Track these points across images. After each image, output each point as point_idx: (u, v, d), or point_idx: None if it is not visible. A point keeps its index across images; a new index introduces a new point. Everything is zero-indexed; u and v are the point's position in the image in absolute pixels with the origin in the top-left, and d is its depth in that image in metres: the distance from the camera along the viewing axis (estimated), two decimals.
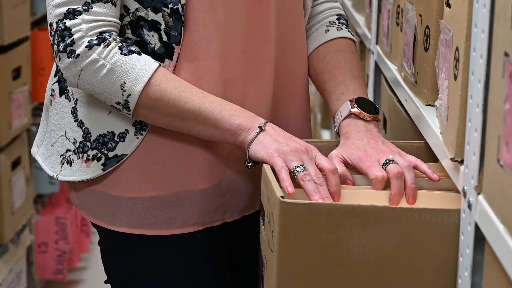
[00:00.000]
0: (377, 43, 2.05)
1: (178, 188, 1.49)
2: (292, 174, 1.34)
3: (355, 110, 1.48)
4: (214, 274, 1.55)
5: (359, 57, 1.64)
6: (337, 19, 1.64)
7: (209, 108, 1.41)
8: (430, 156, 1.43)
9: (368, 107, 1.49)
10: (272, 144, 1.38)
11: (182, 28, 1.43)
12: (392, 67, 1.78)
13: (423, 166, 1.37)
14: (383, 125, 1.94)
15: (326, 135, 3.33)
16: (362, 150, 1.41)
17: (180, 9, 1.43)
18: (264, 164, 1.37)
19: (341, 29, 1.63)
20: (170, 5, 1.43)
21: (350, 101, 1.50)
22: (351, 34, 1.64)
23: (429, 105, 1.45)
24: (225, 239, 1.58)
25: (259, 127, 1.41)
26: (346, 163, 1.42)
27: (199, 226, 1.52)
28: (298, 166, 1.34)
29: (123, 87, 1.40)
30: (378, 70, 2.04)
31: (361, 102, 1.50)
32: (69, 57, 1.40)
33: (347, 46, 1.61)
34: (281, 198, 1.21)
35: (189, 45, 1.45)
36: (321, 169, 1.36)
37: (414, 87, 1.54)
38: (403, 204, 1.21)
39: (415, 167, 1.37)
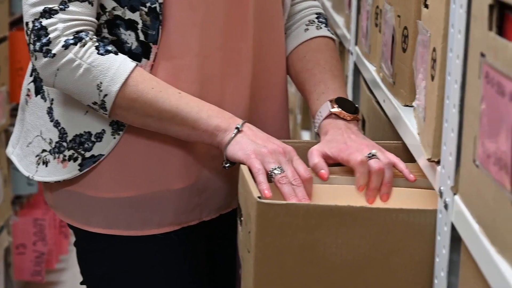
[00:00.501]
0: (356, 44, 2.05)
1: (154, 188, 1.49)
2: (269, 176, 1.34)
3: (335, 109, 1.48)
4: (191, 274, 1.55)
5: (339, 56, 1.64)
6: (316, 17, 1.64)
7: (186, 109, 1.41)
8: (407, 157, 1.43)
9: (348, 107, 1.49)
10: (250, 145, 1.38)
11: (160, 27, 1.43)
12: (371, 67, 1.78)
13: (401, 165, 1.38)
14: (362, 126, 1.94)
15: (306, 136, 3.33)
16: (343, 143, 1.41)
17: (158, 8, 1.42)
18: (241, 165, 1.37)
19: (321, 27, 1.63)
20: (148, 4, 1.42)
21: (330, 101, 1.50)
22: (331, 32, 1.65)
23: (407, 105, 1.45)
24: (202, 238, 1.57)
25: (237, 128, 1.40)
26: (326, 158, 1.41)
27: (175, 226, 1.51)
28: (275, 168, 1.34)
29: (100, 87, 1.39)
30: (357, 71, 2.05)
31: (341, 101, 1.50)
32: (45, 57, 1.39)
33: (326, 45, 1.61)
34: (258, 199, 1.20)
35: (167, 44, 1.44)
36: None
37: (392, 88, 1.54)
38: (380, 204, 1.21)
39: (393, 165, 1.38)
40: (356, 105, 1.52)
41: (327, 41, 1.62)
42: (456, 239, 1.10)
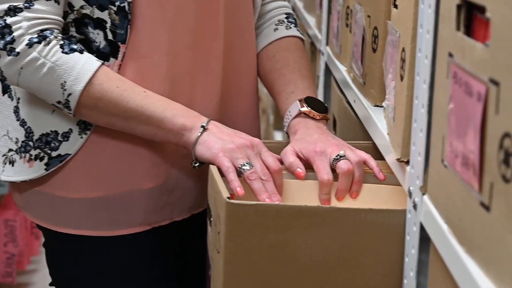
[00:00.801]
0: (327, 44, 2.05)
1: (123, 188, 1.48)
2: (239, 172, 1.34)
3: (305, 109, 1.49)
4: (162, 275, 1.54)
5: (308, 56, 1.65)
6: (286, 17, 1.65)
7: (151, 108, 1.40)
8: (378, 157, 1.43)
9: (317, 106, 1.50)
10: (216, 143, 1.37)
11: (129, 26, 1.42)
12: (342, 68, 1.78)
13: (372, 162, 1.39)
14: (332, 126, 1.94)
15: (278, 136, 3.33)
16: (313, 144, 1.41)
17: (127, 7, 1.41)
18: (210, 165, 1.36)
19: (290, 27, 1.64)
20: (117, 3, 1.41)
21: (300, 100, 1.50)
22: (300, 32, 1.65)
23: (377, 106, 1.45)
24: (174, 238, 1.56)
25: (202, 126, 1.39)
26: (298, 158, 1.41)
27: (145, 226, 1.50)
28: (244, 164, 1.34)
29: (64, 86, 1.38)
30: (328, 71, 2.05)
31: (310, 101, 1.50)
32: (9, 55, 1.38)
33: (296, 45, 1.62)
34: (227, 199, 1.20)
35: (135, 43, 1.44)
36: (266, 166, 1.36)
37: (363, 88, 1.54)
38: (350, 204, 1.21)
39: (364, 162, 1.39)
40: (326, 105, 1.52)
41: (296, 41, 1.63)
42: (425, 239, 1.10)
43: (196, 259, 1.61)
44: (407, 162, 1.18)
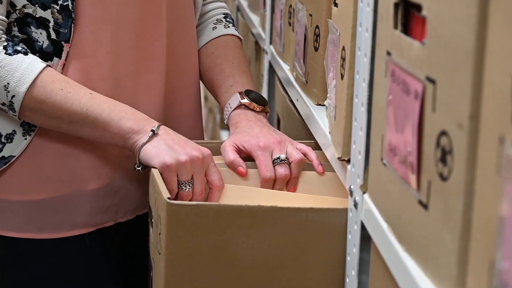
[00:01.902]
0: (271, 43, 2.04)
1: (67, 189, 1.46)
2: (178, 185, 1.34)
3: (245, 101, 1.50)
4: (106, 277, 1.52)
5: (246, 55, 1.67)
6: (224, 17, 1.67)
7: (97, 110, 1.37)
8: (320, 156, 1.43)
9: (257, 99, 1.51)
10: (167, 153, 1.35)
11: (72, 25, 1.40)
12: (285, 67, 1.78)
13: (312, 155, 1.41)
14: (277, 125, 1.94)
15: (225, 135, 3.32)
16: (255, 137, 1.42)
17: (70, 6, 1.39)
18: (152, 168, 1.35)
19: (228, 26, 1.66)
20: (60, 2, 1.39)
21: (240, 93, 1.52)
22: (238, 32, 1.67)
23: (319, 104, 1.45)
24: (118, 240, 1.55)
25: (152, 130, 1.37)
26: (239, 151, 1.42)
27: (90, 228, 1.48)
28: (185, 184, 1.34)
29: (7, 88, 1.36)
30: (272, 70, 2.05)
31: (250, 93, 1.52)
32: None
33: (234, 43, 1.64)
34: (167, 200, 1.19)
35: (79, 42, 1.41)
36: (209, 182, 1.37)
37: (305, 87, 1.54)
38: (291, 203, 1.21)
39: (304, 155, 1.41)
40: (265, 98, 1.54)
41: (234, 39, 1.64)
42: (366, 238, 1.11)
43: (141, 261, 1.60)
44: (348, 161, 1.18)
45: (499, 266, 0.69)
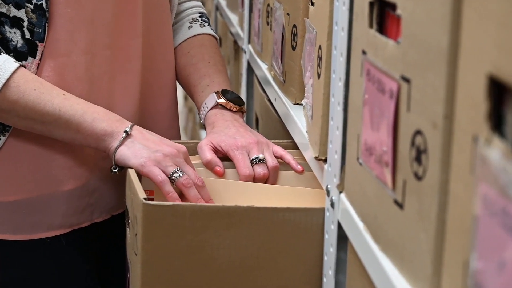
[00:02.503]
0: (249, 42, 2.04)
1: (43, 190, 1.44)
2: (171, 181, 1.32)
3: (222, 100, 1.50)
4: (82, 278, 1.51)
5: (221, 54, 1.66)
6: (199, 16, 1.67)
7: (70, 112, 1.36)
8: (298, 155, 1.43)
9: (233, 99, 1.51)
10: (143, 151, 1.34)
11: (46, 24, 1.39)
12: (263, 66, 1.77)
13: (288, 157, 1.41)
14: (255, 124, 1.93)
15: (205, 135, 3.31)
16: (232, 137, 1.42)
17: (44, 5, 1.38)
18: (128, 168, 1.34)
19: (204, 26, 1.66)
20: (34, 1, 1.37)
21: (216, 92, 1.51)
22: (213, 31, 1.67)
23: (297, 104, 1.45)
24: (93, 241, 1.54)
25: (125, 131, 1.36)
26: (216, 151, 1.41)
27: (66, 229, 1.47)
28: (175, 172, 1.32)
29: None
30: (250, 70, 2.04)
31: (226, 93, 1.52)
32: None
33: (210, 42, 1.63)
34: (143, 200, 1.18)
35: (53, 42, 1.40)
36: None
37: (283, 86, 1.53)
38: (268, 204, 1.20)
39: (280, 158, 1.41)
40: (242, 98, 1.54)
41: (210, 38, 1.64)
42: (342, 237, 1.10)
43: (117, 262, 1.59)
44: (325, 160, 1.18)
45: (473, 266, 0.69)
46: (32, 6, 1.38)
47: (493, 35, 0.66)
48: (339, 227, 1.11)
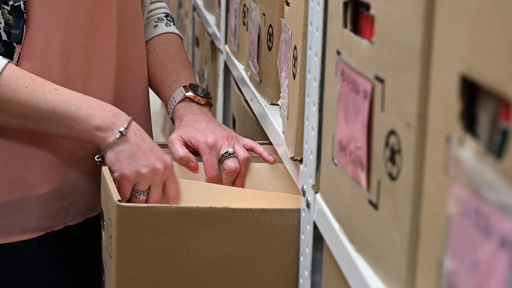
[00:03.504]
0: (226, 42, 2.03)
1: (17, 194, 1.43)
2: (133, 192, 1.33)
3: (190, 94, 1.51)
4: (55, 282, 1.50)
5: (186, 51, 1.69)
6: (165, 16, 1.70)
7: (63, 108, 1.34)
8: (275, 156, 1.42)
9: (201, 92, 1.53)
10: (130, 163, 1.33)
11: (24, 26, 1.37)
12: (240, 66, 1.77)
13: (259, 148, 1.43)
14: (232, 125, 1.93)
15: None
16: (202, 133, 1.43)
17: (22, 6, 1.36)
18: (103, 167, 1.33)
19: (169, 25, 1.68)
20: (10, 2, 1.36)
21: (184, 86, 1.53)
22: (178, 30, 1.70)
23: (273, 104, 1.45)
24: (67, 244, 1.52)
25: (120, 132, 1.35)
26: (186, 146, 1.43)
27: (39, 232, 1.46)
28: (141, 193, 1.33)
29: None
30: (227, 70, 2.04)
31: (193, 87, 1.53)
32: None
33: (175, 40, 1.66)
34: (118, 202, 1.17)
35: (30, 44, 1.39)
36: (166, 193, 1.36)
37: (259, 86, 1.53)
38: (243, 204, 1.19)
39: (251, 149, 1.43)
40: (208, 91, 1.55)
41: (175, 37, 1.67)
42: (318, 238, 1.10)
43: (92, 265, 1.58)
44: (301, 161, 1.17)
45: (447, 266, 0.68)
46: (8, 8, 1.36)
47: (465, 35, 0.66)
48: (315, 227, 1.10)
